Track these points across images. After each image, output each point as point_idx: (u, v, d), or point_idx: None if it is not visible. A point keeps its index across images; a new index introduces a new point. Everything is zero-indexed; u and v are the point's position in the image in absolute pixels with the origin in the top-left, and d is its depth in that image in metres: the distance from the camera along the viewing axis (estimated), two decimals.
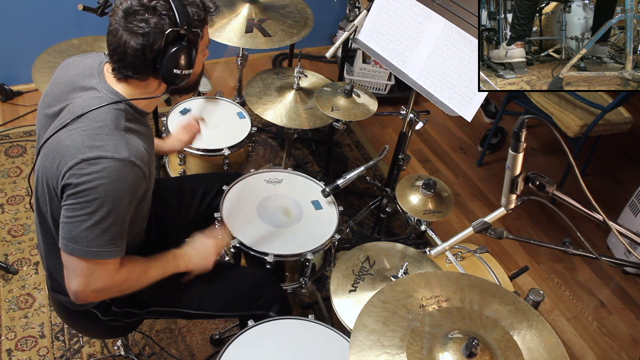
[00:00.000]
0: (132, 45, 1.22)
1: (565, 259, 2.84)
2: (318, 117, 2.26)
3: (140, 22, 1.20)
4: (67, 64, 1.42)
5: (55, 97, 1.34)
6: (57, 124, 1.27)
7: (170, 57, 1.24)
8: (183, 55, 1.25)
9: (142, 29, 1.20)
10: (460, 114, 1.77)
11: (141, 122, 1.36)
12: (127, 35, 1.21)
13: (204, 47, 1.36)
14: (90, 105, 1.26)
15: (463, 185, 3.19)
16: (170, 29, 1.21)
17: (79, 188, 1.20)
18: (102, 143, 1.21)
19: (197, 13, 1.26)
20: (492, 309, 1.21)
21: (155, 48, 1.22)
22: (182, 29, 1.23)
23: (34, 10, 2.93)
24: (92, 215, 1.21)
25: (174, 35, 1.23)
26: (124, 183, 1.22)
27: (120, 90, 1.30)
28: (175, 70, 1.26)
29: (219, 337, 2.16)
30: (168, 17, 1.21)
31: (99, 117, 1.25)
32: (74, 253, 1.24)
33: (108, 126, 1.24)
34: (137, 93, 1.32)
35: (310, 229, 1.83)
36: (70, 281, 1.28)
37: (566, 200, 1.21)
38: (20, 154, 2.84)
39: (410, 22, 1.89)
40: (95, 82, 1.31)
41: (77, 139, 1.22)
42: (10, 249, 2.40)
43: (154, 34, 1.21)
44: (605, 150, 3.47)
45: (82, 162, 1.19)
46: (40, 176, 1.32)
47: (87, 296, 1.30)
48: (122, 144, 1.23)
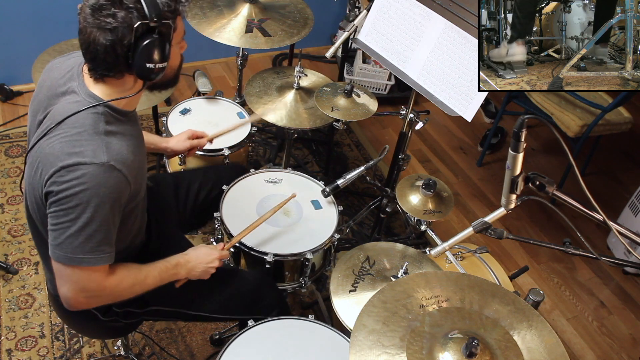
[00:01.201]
0: (102, 41, 1.18)
1: (565, 259, 2.84)
2: (318, 117, 2.26)
3: (107, 17, 1.17)
4: (51, 67, 1.39)
5: (39, 102, 1.34)
6: (39, 132, 1.26)
7: (141, 51, 1.20)
8: (155, 48, 1.21)
9: (109, 24, 1.17)
10: (460, 114, 1.77)
11: (124, 122, 1.32)
12: (96, 32, 1.18)
13: (179, 39, 1.32)
14: (69, 110, 1.24)
15: (463, 185, 3.19)
16: (138, 22, 1.17)
17: (60, 195, 1.19)
18: (80, 149, 1.20)
19: (167, 4, 1.22)
20: (492, 309, 1.21)
21: (125, 43, 1.19)
22: (151, 22, 1.19)
23: (34, 10, 2.94)
24: (74, 221, 1.19)
25: (144, 28, 1.19)
26: (104, 188, 1.20)
27: (98, 92, 1.28)
28: (149, 65, 1.22)
29: (219, 337, 2.16)
30: (136, 9, 1.17)
31: (78, 122, 1.23)
32: (60, 260, 1.23)
33: (87, 131, 1.22)
34: (115, 92, 1.29)
35: (309, 228, 1.83)
36: (61, 287, 1.28)
37: (566, 200, 1.21)
38: (20, 154, 2.83)
39: (410, 22, 1.89)
40: (75, 85, 1.29)
41: (56, 147, 1.21)
42: (10, 249, 2.40)
43: (122, 28, 1.17)
44: (605, 150, 3.47)
45: (62, 170, 1.18)
46: (27, 185, 1.32)
47: (79, 302, 1.29)
48: (101, 149, 1.21)
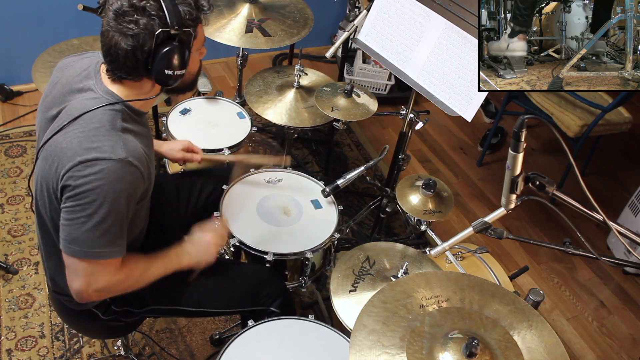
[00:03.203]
0: (123, 46, 1.21)
1: (565, 259, 2.84)
2: (318, 116, 2.26)
3: (129, 23, 1.19)
4: (65, 65, 1.41)
5: (53, 99, 1.34)
6: (55, 127, 1.27)
7: (161, 58, 1.22)
8: (175, 55, 1.24)
9: (131, 30, 1.19)
10: (460, 114, 1.77)
11: (138, 122, 1.35)
12: (118, 37, 1.20)
13: (199, 46, 1.35)
14: (87, 106, 1.26)
15: (463, 185, 3.19)
16: (160, 29, 1.20)
17: (77, 190, 1.20)
18: (99, 144, 1.21)
19: (189, 12, 1.24)
20: (492, 309, 1.20)
21: (146, 49, 1.21)
22: (173, 29, 1.21)
23: (34, 10, 2.94)
24: (91, 216, 1.21)
25: (165, 35, 1.21)
26: (122, 184, 1.22)
27: (115, 91, 1.30)
28: (167, 71, 1.25)
29: (219, 337, 2.16)
30: (158, 17, 1.20)
31: (95, 118, 1.25)
32: (75, 254, 1.24)
33: (104, 127, 1.24)
34: (132, 94, 1.31)
35: (309, 228, 1.83)
36: (72, 281, 1.29)
37: (566, 200, 1.21)
38: (20, 154, 2.84)
39: (410, 22, 1.89)
40: (92, 83, 1.31)
41: (74, 141, 1.22)
42: (10, 249, 2.40)
43: (143, 35, 1.20)
44: (605, 150, 3.47)
45: (80, 164, 1.19)
46: (39, 179, 1.32)
47: (90, 295, 1.31)
48: (119, 145, 1.22)
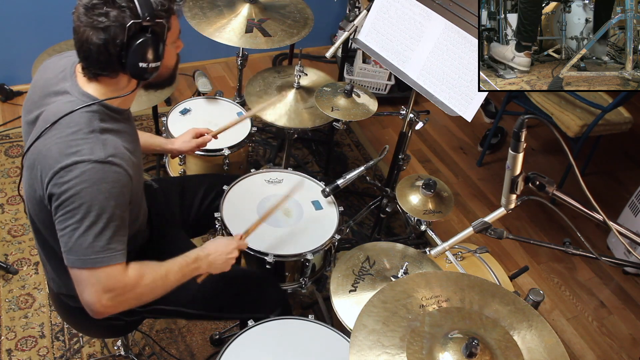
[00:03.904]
0: (95, 41, 1.18)
1: (565, 259, 2.84)
2: (318, 116, 2.26)
3: (99, 16, 1.16)
4: (45, 67, 1.39)
5: (32, 103, 1.33)
6: (34, 134, 1.25)
7: (134, 50, 1.19)
8: (148, 48, 1.21)
9: (102, 23, 1.16)
10: (460, 114, 1.77)
11: (119, 120, 1.32)
12: (89, 31, 1.18)
13: (174, 39, 1.32)
14: (63, 110, 1.23)
15: (463, 185, 3.19)
16: (131, 21, 1.17)
17: (62, 197, 1.17)
18: (77, 148, 1.19)
19: (160, 3, 1.21)
20: (492, 309, 1.20)
21: (118, 42, 1.18)
22: (144, 21, 1.18)
23: (34, 10, 2.94)
24: (81, 222, 1.18)
25: (137, 27, 1.18)
26: (105, 184, 1.19)
27: (92, 91, 1.27)
28: (142, 64, 1.21)
29: (219, 337, 2.16)
30: (129, 9, 1.17)
31: (73, 122, 1.22)
32: (74, 265, 1.21)
33: (82, 130, 1.21)
34: (109, 91, 1.28)
35: (310, 229, 1.83)
36: (81, 294, 1.24)
37: (566, 200, 1.21)
38: (21, 154, 2.84)
39: (410, 22, 1.89)
40: (67, 86, 1.28)
41: (53, 148, 1.20)
42: (10, 249, 2.40)
43: (114, 27, 1.17)
44: (605, 150, 3.47)
45: (61, 171, 1.17)
46: (27, 187, 1.31)
47: (103, 306, 1.24)
48: (98, 145, 1.20)
